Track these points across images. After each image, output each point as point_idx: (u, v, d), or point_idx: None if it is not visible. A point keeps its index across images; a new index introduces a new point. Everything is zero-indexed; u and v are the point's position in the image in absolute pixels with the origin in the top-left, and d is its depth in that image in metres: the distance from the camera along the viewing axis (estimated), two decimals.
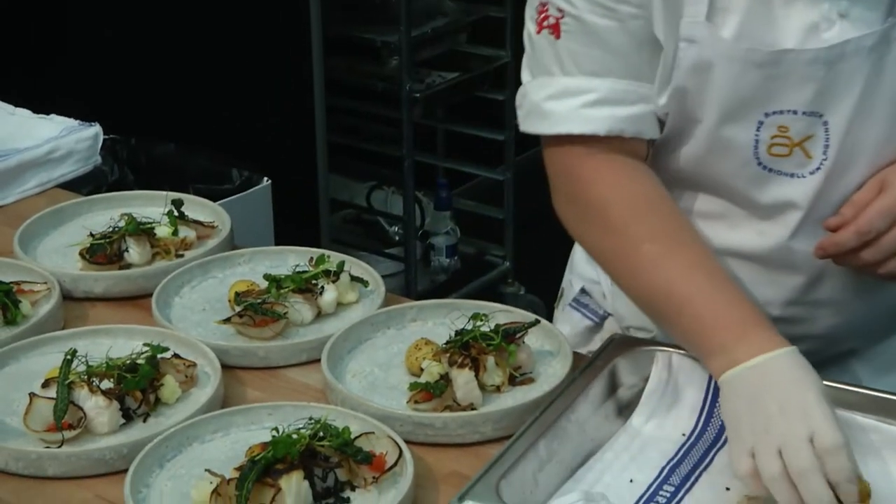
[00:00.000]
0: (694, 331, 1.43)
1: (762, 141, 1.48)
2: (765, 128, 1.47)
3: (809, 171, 1.49)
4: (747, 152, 1.49)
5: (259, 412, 1.52)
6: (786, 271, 1.56)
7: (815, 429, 1.30)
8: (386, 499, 1.38)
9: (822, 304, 1.58)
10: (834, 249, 1.48)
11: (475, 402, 1.53)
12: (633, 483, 1.40)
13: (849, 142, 1.47)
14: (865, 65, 1.44)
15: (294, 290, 1.72)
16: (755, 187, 1.52)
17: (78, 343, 1.65)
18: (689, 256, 1.47)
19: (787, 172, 1.50)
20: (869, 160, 1.49)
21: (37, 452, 1.46)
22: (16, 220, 2.01)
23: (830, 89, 1.45)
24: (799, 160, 1.49)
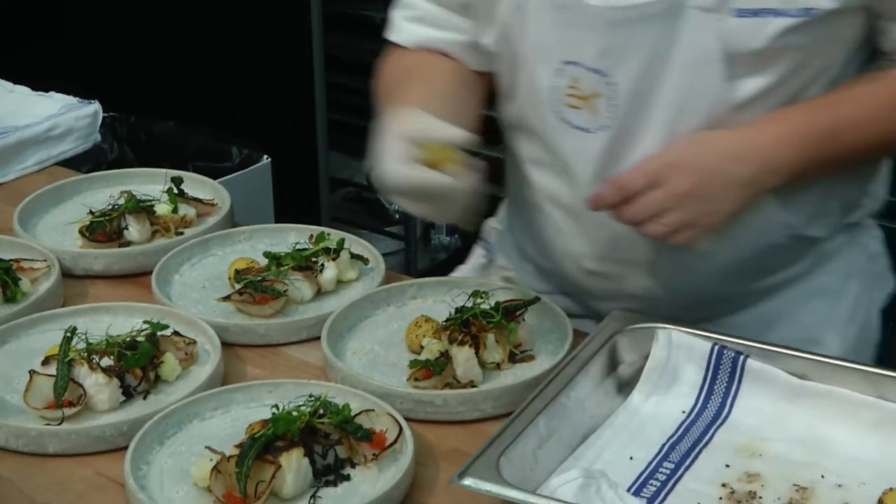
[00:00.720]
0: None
1: (560, 89, 1.55)
2: (562, 77, 1.54)
3: (597, 128, 1.54)
4: (550, 101, 1.57)
5: (259, 389, 1.52)
6: (593, 225, 1.60)
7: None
8: (386, 476, 1.39)
9: (630, 264, 1.62)
10: (597, 202, 1.50)
11: (475, 379, 1.53)
12: (633, 460, 1.40)
13: (636, 104, 1.51)
14: (651, 33, 1.48)
15: (294, 268, 1.72)
16: (557, 138, 1.59)
17: (78, 320, 1.65)
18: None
19: (578, 126, 1.55)
20: (661, 127, 1.52)
21: (37, 429, 1.46)
22: (15, 198, 2.01)
23: (616, 50, 1.50)
24: (588, 116, 1.54)
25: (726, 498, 1.34)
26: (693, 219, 1.47)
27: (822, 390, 1.44)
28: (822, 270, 1.70)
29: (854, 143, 1.53)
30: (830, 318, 1.71)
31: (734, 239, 1.56)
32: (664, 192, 1.46)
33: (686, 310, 1.64)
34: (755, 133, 1.49)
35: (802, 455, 1.40)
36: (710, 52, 1.48)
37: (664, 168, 1.47)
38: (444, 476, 1.40)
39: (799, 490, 1.35)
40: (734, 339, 1.49)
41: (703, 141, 1.50)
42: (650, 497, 1.35)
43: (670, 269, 1.62)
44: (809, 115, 1.51)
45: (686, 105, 1.50)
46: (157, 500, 1.35)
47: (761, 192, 1.50)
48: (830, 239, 1.68)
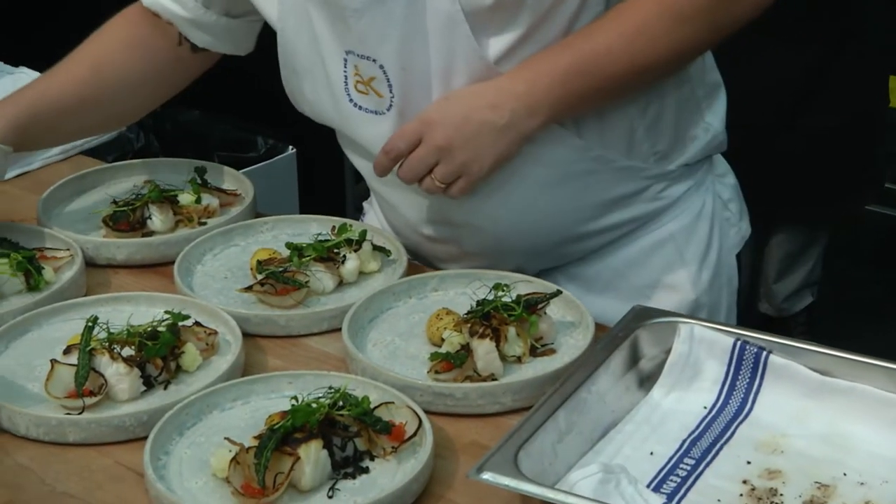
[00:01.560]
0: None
1: (350, 78, 1.64)
2: (349, 65, 1.63)
3: (385, 109, 1.64)
4: (341, 89, 1.66)
5: (279, 381, 1.52)
6: (417, 195, 1.69)
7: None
8: (405, 468, 1.38)
9: (459, 224, 1.71)
10: (378, 168, 1.63)
11: (496, 372, 1.52)
12: (654, 455, 1.39)
13: (408, 80, 1.60)
14: (399, 8, 1.55)
15: (316, 259, 1.72)
16: (354, 126, 1.68)
17: (100, 310, 1.65)
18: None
19: (370, 109, 1.65)
20: (437, 92, 1.60)
21: (57, 419, 1.47)
22: (40, 187, 2.01)
23: (371, 35, 1.59)
24: (375, 99, 1.64)
25: (747, 494, 1.34)
26: (457, 169, 1.57)
27: (844, 387, 1.43)
28: (668, 216, 1.74)
29: (608, 74, 1.57)
30: (682, 262, 1.75)
31: (535, 173, 1.63)
32: (425, 147, 1.57)
33: (532, 259, 1.72)
34: (508, 80, 1.57)
35: (824, 452, 1.39)
36: (453, 15, 1.55)
37: (420, 126, 1.58)
38: (463, 469, 1.39)
39: (820, 487, 1.35)
40: (757, 335, 1.48)
41: (457, 95, 1.58)
42: (670, 493, 1.34)
43: (492, 219, 1.68)
44: (560, 53, 1.56)
45: (450, 69, 1.58)
46: (175, 490, 1.36)
47: (523, 135, 1.57)
48: (669, 182, 1.72)
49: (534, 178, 1.64)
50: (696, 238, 1.76)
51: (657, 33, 1.55)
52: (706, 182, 1.78)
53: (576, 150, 1.64)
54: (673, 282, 1.75)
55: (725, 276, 1.81)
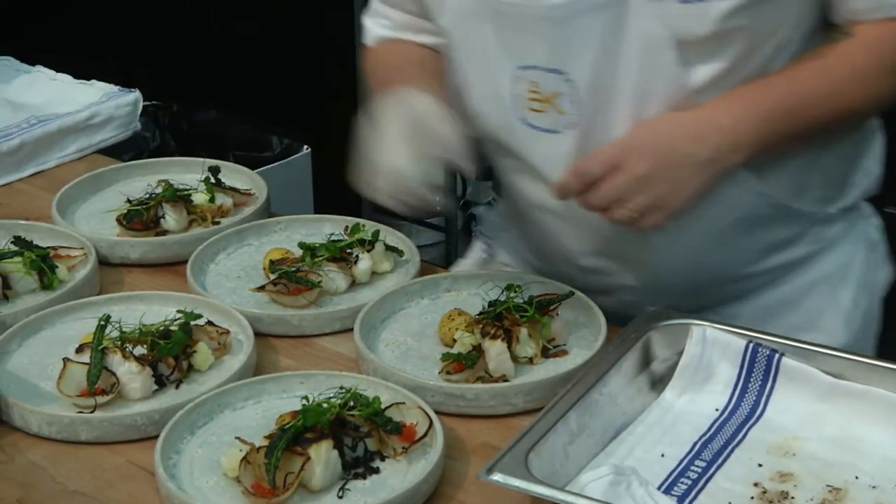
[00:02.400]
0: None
1: (519, 96, 1.55)
2: (519, 83, 1.54)
3: (564, 127, 1.54)
4: (511, 109, 1.57)
5: (291, 380, 1.52)
6: (580, 224, 1.60)
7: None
8: (415, 469, 1.38)
9: (624, 259, 1.62)
10: (561, 191, 1.50)
11: (507, 373, 1.52)
12: (665, 457, 1.39)
13: (597, 98, 1.51)
14: (599, 23, 1.47)
15: (329, 259, 1.72)
16: (525, 144, 1.58)
17: (113, 309, 1.66)
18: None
19: (545, 128, 1.55)
20: (625, 118, 1.51)
21: (70, 417, 1.47)
22: (55, 185, 2.02)
23: (566, 47, 1.49)
24: (554, 116, 1.54)
25: (758, 497, 1.33)
26: (656, 201, 1.46)
27: (857, 390, 1.43)
28: (822, 258, 1.69)
29: (812, 117, 1.53)
30: (834, 305, 1.70)
31: (713, 214, 1.57)
32: (624, 175, 1.45)
33: (685, 298, 1.64)
34: (713, 112, 1.49)
35: (836, 455, 1.39)
36: (659, 40, 1.48)
37: (622, 152, 1.47)
38: (474, 470, 1.39)
39: (832, 491, 1.34)
40: (769, 337, 1.48)
41: (661, 123, 1.50)
42: (681, 495, 1.33)
43: (661, 256, 1.62)
44: (765, 91, 1.51)
45: (645, 93, 1.50)
46: (186, 489, 1.36)
47: (723, 171, 1.49)
48: (828, 224, 1.68)
49: (709, 218, 1.57)
50: (849, 280, 1.71)
51: (866, 82, 1.51)
52: (858, 224, 1.74)
53: (755, 195, 1.58)
54: (825, 325, 1.69)
55: (871, 318, 1.76)
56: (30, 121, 2.18)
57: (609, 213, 1.47)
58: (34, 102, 2.30)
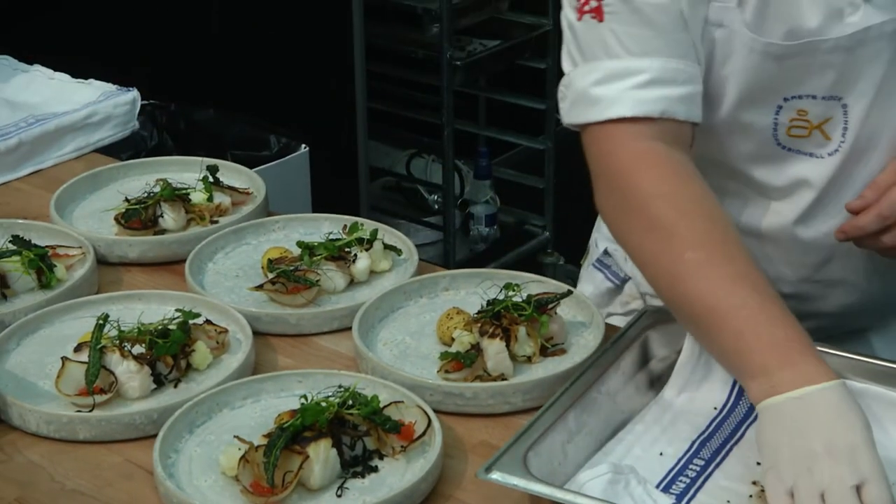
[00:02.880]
0: (734, 349, 1.34)
1: (781, 124, 1.49)
2: (784, 112, 1.48)
3: (828, 153, 1.49)
4: (766, 135, 1.50)
5: (289, 379, 1.52)
6: (797, 250, 1.56)
7: (864, 478, 1.22)
8: (414, 468, 1.38)
9: (834, 284, 1.58)
10: (855, 232, 1.47)
11: (506, 372, 1.52)
12: (663, 456, 1.39)
13: (868, 125, 1.48)
14: (887, 49, 1.43)
15: (327, 258, 1.72)
16: (771, 167, 1.52)
17: (111, 308, 1.66)
18: (736, 268, 1.36)
19: (805, 152, 1.50)
20: (889, 144, 1.48)
21: (68, 416, 1.47)
22: (53, 185, 2.02)
23: (851, 74, 1.44)
24: (818, 141, 1.49)
25: (757, 496, 1.33)
26: None
27: (857, 389, 1.42)
28: None
29: None
30: None
31: None
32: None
33: (877, 320, 1.63)
34: None
35: None
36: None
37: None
38: (473, 469, 1.39)
39: None
40: None
41: None
42: (679, 493, 1.33)
43: (872, 282, 1.59)
44: None
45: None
46: (185, 488, 1.36)
47: None
48: None
49: None
50: None
51: None
52: None
53: None
54: None
55: None
56: (28, 120, 2.18)
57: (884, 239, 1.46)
58: (32, 101, 2.30)
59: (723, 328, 1.34)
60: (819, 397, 1.28)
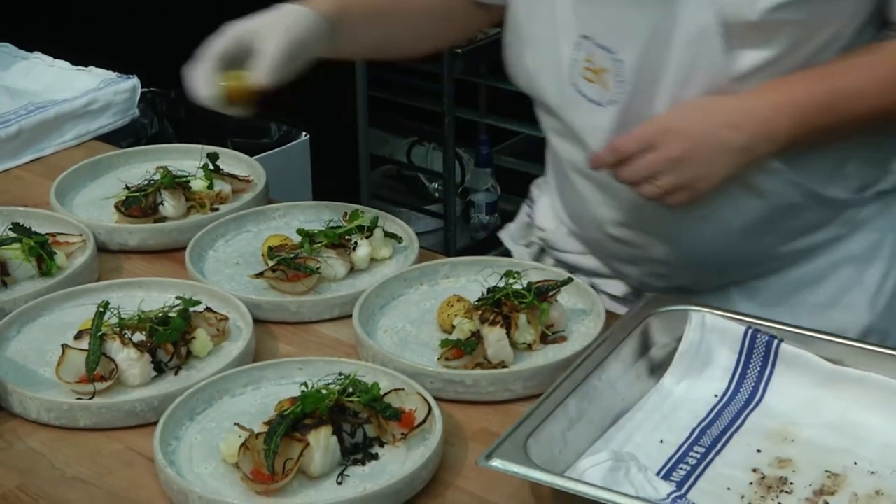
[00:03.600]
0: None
1: (579, 62, 1.59)
2: (580, 50, 1.58)
3: (607, 102, 1.58)
4: (569, 72, 1.60)
5: (289, 367, 1.52)
6: (614, 194, 1.63)
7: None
8: (414, 455, 1.38)
9: (654, 231, 1.64)
10: (596, 162, 1.56)
11: (506, 359, 1.52)
12: (664, 443, 1.39)
13: (642, 79, 1.55)
14: (653, 10, 1.50)
15: (327, 245, 1.72)
16: (572, 111, 1.62)
17: (111, 295, 1.66)
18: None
19: (592, 99, 1.59)
20: (666, 100, 1.55)
21: (68, 403, 1.47)
22: (54, 172, 2.02)
23: (621, 28, 1.53)
24: (600, 90, 1.58)
25: (757, 483, 1.33)
26: (685, 182, 1.51)
27: (856, 376, 1.43)
28: (851, 238, 1.69)
29: (854, 114, 1.53)
30: (860, 284, 1.70)
31: (745, 200, 1.59)
32: (657, 155, 1.51)
33: (712, 274, 1.67)
34: (753, 100, 1.52)
35: (835, 441, 1.39)
36: (708, 27, 1.49)
37: (658, 133, 1.52)
38: (473, 456, 1.39)
39: (831, 476, 1.34)
40: (768, 323, 1.48)
41: (700, 107, 1.53)
42: (680, 481, 1.34)
43: (690, 235, 1.63)
44: (808, 84, 1.52)
45: (689, 78, 1.53)
46: (185, 475, 1.36)
47: (757, 159, 1.53)
48: (860, 206, 1.67)
49: (741, 204, 1.60)
50: (877, 262, 1.70)
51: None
52: (893, 206, 1.73)
53: (788, 184, 1.59)
54: (849, 302, 1.69)
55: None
56: (28, 107, 2.18)
57: (638, 187, 1.53)
58: (32, 89, 2.30)
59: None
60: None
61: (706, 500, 1.31)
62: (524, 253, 1.89)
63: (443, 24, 1.84)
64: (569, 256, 1.81)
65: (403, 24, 1.82)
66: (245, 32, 1.67)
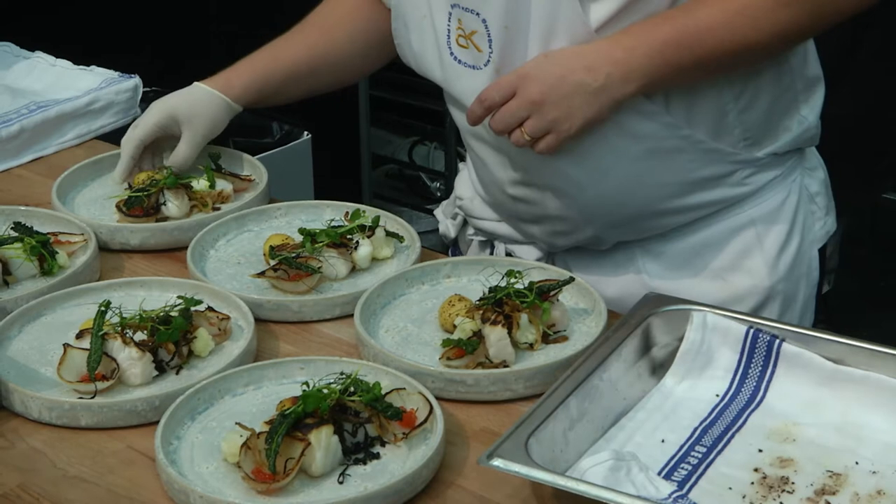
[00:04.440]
0: None
1: (453, 31, 1.68)
2: (451, 19, 1.67)
3: (483, 64, 1.66)
4: (442, 42, 1.69)
5: (291, 366, 1.52)
6: (504, 152, 1.72)
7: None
8: (416, 455, 1.38)
9: (545, 187, 1.71)
10: (470, 116, 1.64)
11: (507, 359, 1.52)
12: (665, 443, 1.39)
13: (508, 38, 1.63)
14: None
15: (329, 245, 1.72)
16: (452, 78, 1.71)
17: (113, 295, 1.66)
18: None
19: (468, 63, 1.68)
20: (534, 53, 1.62)
21: (70, 403, 1.47)
22: (55, 171, 2.02)
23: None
24: (474, 53, 1.67)
25: (758, 483, 1.33)
26: (548, 124, 1.59)
27: (858, 376, 1.43)
28: (751, 201, 1.74)
29: (707, 49, 1.58)
30: (760, 248, 1.75)
31: (622, 144, 1.65)
32: (518, 100, 1.59)
33: (612, 231, 1.73)
34: (608, 45, 1.59)
35: (837, 441, 1.39)
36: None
37: (517, 79, 1.59)
38: (474, 456, 1.39)
39: (832, 476, 1.34)
40: (770, 323, 1.48)
41: (555, 55, 1.60)
42: (681, 480, 1.34)
43: (575, 185, 1.69)
44: (660, 24, 1.59)
45: (552, 32, 1.61)
46: (186, 474, 1.36)
47: (616, 100, 1.59)
48: (756, 167, 1.72)
49: (621, 150, 1.65)
50: (778, 227, 1.75)
51: (759, 14, 1.56)
52: (794, 173, 1.78)
53: (664, 127, 1.64)
54: (750, 266, 1.74)
55: (805, 267, 1.79)
56: (29, 107, 2.18)
57: (511, 137, 1.60)
58: (34, 88, 2.30)
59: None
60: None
61: (707, 500, 1.31)
62: (450, 225, 1.96)
63: (366, 54, 1.94)
64: (486, 223, 1.86)
65: (328, 74, 1.95)
66: (166, 120, 1.94)
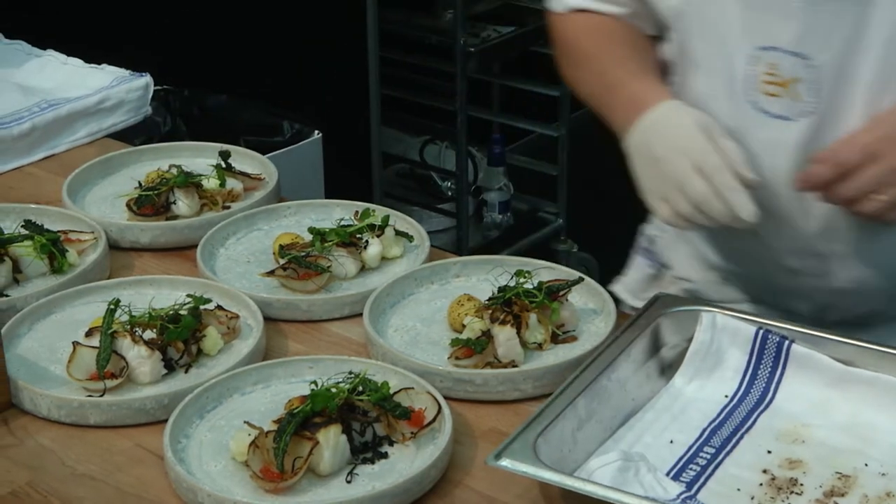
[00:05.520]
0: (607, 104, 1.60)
1: (756, 77, 1.50)
2: (756, 63, 1.50)
3: (798, 115, 1.49)
4: (743, 89, 1.52)
5: (300, 365, 1.52)
6: (793, 219, 1.55)
7: (697, 160, 1.44)
8: (424, 454, 1.38)
9: (841, 255, 1.56)
10: (810, 181, 1.45)
11: (516, 359, 1.52)
12: (674, 444, 1.39)
13: (839, 86, 1.46)
14: (851, 9, 1.43)
15: (338, 244, 1.72)
16: (751, 130, 1.52)
17: (122, 293, 1.66)
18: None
19: (777, 114, 1.50)
20: (862, 108, 1.47)
21: (79, 401, 1.47)
22: (66, 169, 2.02)
23: (815, 30, 1.45)
24: (788, 103, 1.49)
25: (767, 484, 1.33)
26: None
27: (867, 377, 1.42)
28: None
29: None
30: None
31: None
32: (882, 166, 1.40)
33: (890, 301, 1.59)
34: None
35: (846, 442, 1.38)
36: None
37: (879, 142, 1.42)
38: (482, 455, 1.39)
39: (841, 478, 1.34)
40: (779, 324, 1.48)
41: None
42: (689, 481, 1.33)
43: (885, 253, 1.56)
44: None
45: (885, 84, 1.45)
46: (195, 473, 1.36)
47: None
48: None
49: None
50: None
51: None
52: None
53: None
54: None
55: None
56: (40, 105, 2.18)
57: (857, 204, 1.43)
58: (45, 86, 2.30)
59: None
60: (655, 116, 1.52)
61: (716, 501, 1.31)
62: (638, 302, 1.76)
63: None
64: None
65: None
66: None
